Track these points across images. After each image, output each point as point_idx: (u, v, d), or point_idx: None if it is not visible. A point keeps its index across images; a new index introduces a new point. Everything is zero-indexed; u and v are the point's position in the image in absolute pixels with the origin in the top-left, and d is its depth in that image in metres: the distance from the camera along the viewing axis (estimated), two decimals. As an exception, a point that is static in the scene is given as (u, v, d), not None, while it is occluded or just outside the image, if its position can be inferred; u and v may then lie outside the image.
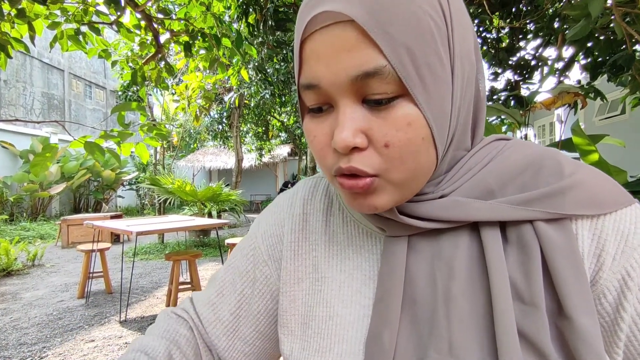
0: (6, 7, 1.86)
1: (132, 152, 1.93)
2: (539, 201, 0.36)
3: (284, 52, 5.07)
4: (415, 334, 0.37)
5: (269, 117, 12.29)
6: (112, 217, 7.69)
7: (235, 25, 3.36)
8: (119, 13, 2.04)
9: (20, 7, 1.86)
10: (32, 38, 2.20)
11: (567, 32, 2.28)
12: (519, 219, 0.36)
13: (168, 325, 0.52)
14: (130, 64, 2.93)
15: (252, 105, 10.12)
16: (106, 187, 12.80)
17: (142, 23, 2.43)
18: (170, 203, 8.20)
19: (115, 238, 7.93)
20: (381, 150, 0.33)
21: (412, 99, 0.32)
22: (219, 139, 12.21)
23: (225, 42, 2.71)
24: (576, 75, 3.43)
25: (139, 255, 6.58)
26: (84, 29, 2.29)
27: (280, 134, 15.72)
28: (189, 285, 3.93)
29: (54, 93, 14.81)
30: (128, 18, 2.51)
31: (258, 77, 5.09)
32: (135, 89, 9.65)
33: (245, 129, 13.24)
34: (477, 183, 0.39)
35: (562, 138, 2.06)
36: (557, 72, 2.75)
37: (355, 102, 0.33)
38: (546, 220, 0.36)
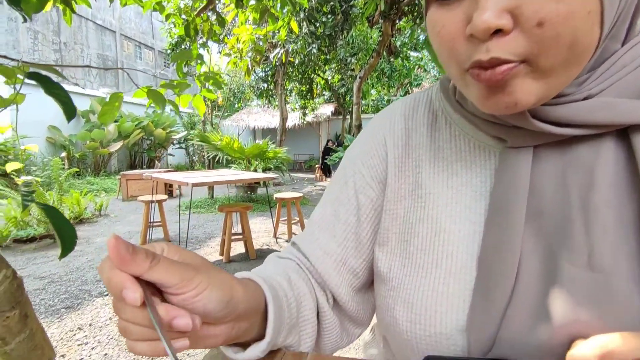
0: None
1: (180, 111, 1.98)
2: None
3: (332, 2, 4.87)
4: (543, 246, 0.34)
5: (313, 75, 12.11)
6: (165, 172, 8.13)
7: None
8: (173, -40, 2.02)
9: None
10: (93, -10, 2.25)
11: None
12: None
13: (275, 265, 0.50)
14: (183, 16, 2.95)
15: (296, 62, 9.98)
16: (158, 146, 13.45)
17: (195, -28, 2.41)
18: (217, 161, 8.50)
19: (168, 193, 8.42)
20: (532, 30, 0.28)
21: None
22: (263, 98, 12.29)
23: (276, -10, 2.63)
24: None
25: (191, 209, 6.97)
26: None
27: (324, 92, 15.52)
28: (241, 236, 4.13)
29: (108, 54, 15.43)
30: (181, -33, 2.50)
31: (305, 31, 4.96)
32: (183, 47, 9.81)
33: (289, 88, 13.18)
34: (633, 81, 0.33)
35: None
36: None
37: None
38: None
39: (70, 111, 0.92)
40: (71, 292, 3.11)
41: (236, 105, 18.60)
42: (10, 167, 1.31)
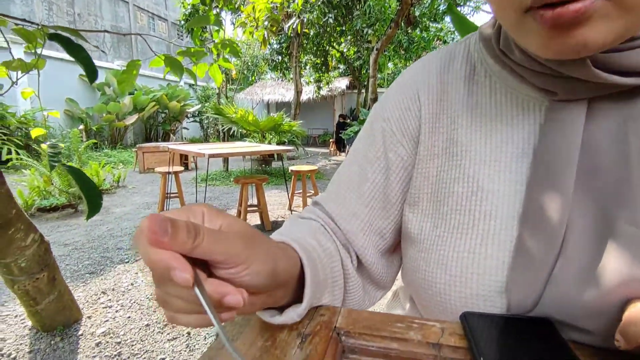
0: None
1: (194, 85, 1.95)
2: None
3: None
4: (596, 205, 0.32)
5: (328, 47, 11.84)
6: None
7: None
8: None
9: None
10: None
11: None
12: None
13: (301, 227, 0.47)
14: (199, -17, 2.88)
15: (311, 34, 9.74)
16: (172, 119, 13.51)
17: None
18: (232, 134, 8.50)
19: (184, 165, 8.50)
20: None
21: None
22: (278, 71, 12.11)
23: (293, -46, 2.53)
24: None
25: (207, 181, 7.05)
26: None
27: (339, 65, 15.20)
28: (256, 208, 4.17)
29: (122, 26, 15.32)
30: None
31: (321, 0, 4.81)
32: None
33: (303, 60, 12.95)
34: None
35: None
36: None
37: None
38: None
39: (92, 72, 0.92)
40: (94, 258, 3.22)
41: (250, 79, 18.42)
42: (34, 132, 1.33)
